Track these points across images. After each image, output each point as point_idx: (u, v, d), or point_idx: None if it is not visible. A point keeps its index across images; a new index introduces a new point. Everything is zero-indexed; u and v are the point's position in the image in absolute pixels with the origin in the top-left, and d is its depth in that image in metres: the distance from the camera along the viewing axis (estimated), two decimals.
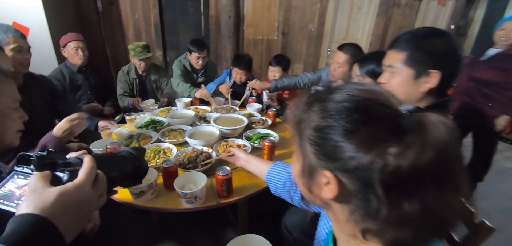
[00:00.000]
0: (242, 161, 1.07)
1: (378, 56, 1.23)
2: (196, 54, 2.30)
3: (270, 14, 3.58)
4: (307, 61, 4.19)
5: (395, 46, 0.89)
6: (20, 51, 1.41)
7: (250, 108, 1.94)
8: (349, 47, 1.77)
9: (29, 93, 1.52)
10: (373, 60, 1.26)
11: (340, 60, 1.77)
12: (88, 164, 0.47)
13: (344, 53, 1.76)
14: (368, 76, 1.27)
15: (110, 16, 2.96)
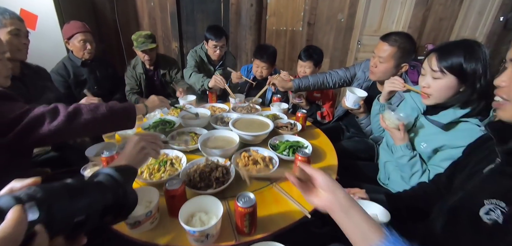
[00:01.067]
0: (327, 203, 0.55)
1: (467, 47, 0.92)
2: (214, 42, 2.04)
3: (295, 3, 3.25)
4: (333, 55, 3.82)
5: None
6: (18, 35, 1.28)
7: (275, 109, 1.66)
8: (397, 38, 1.35)
9: (27, 83, 1.38)
10: (461, 50, 0.92)
11: (383, 54, 1.36)
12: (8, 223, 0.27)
13: (390, 44, 1.35)
14: (450, 73, 0.93)
15: (125, 4, 2.78)
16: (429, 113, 1.08)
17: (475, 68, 0.89)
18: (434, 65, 0.95)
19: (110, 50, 2.91)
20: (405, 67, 1.39)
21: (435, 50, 0.98)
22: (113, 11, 2.74)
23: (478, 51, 0.91)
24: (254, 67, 2.05)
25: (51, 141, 0.96)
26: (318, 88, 1.76)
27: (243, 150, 1.13)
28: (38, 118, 0.85)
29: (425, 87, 1.00)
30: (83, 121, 0.91)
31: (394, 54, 1.36)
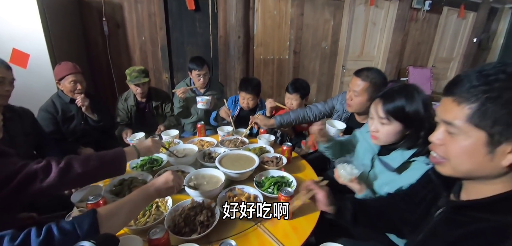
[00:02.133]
0: None
1: (408, 93, 0.98)
2: (196, 72, 2.18)
3: (281, 33, 3.41)
4: (320, 80, 3.97)
5: (453, 92, 0.56)
6: (2, 82, 1.32)
7: (262, 141, 1.71)
8: (368, 73, 1.47)
9: (7, 126, 1.38)
10: (401, 96, 0.99)
11: (357, 88, 1.47)
12: None
13: (362, 80, 1.46)
14: (394, 119, 0.99)
15: (117, 39, 2.86)
16: (382, 153, 1.15)
17: (417, 112, 0.96)
18: (380, 112, 1.02)
19: (101, 84, 2.96)
20: None
21: (380, 97, 1.05)
22: (105, 46, 2.82)
23: (417, 96, 0.97)
24: (241, 99, 2.12)
25: (43, 196, 0.97)
26: (300, 123, 1.83)
27: (229, 189, 1.16)
28: (30, 176, 0.87)
29: (374, 132, 1.07)
30: (75, 175, 0.94)
31: (367, 89, 1.47)
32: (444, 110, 0.58)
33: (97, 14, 2.71)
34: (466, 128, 0.53)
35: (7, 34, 1.99)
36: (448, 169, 0.60)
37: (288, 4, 3.30)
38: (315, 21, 3.54)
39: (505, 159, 0.51)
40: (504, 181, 0.54)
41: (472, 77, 0.53)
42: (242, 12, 2.94)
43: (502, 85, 0.49)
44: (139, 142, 1.27)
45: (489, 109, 0.50)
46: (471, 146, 0.54)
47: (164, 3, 2.86)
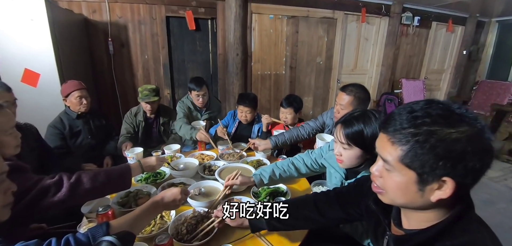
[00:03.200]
0: None
1: (366, 119, 1.05)
2: (196, 92, 2.28)
3: (277, 50, 3.57)
4: (316, 93, 4.11)
5: (388, 130, 0.60)
6: None
7: (259, 154, 1.82)
8: (353, 88, 1.64)
9: None
10: (359, 124, 1.04)
11: (343, 101, 1.64)
12: None
13: (347, 94, 1.64)
14: (354, 144, 1.05)
15: (121, 58, 3.01)
16: (349, 177, 1.21)
17: (374, 136, 0.96)
18: (341, 138, 1.07)
19: (105, 100, 3.08)
20: None
21: (341, 122, 1.10)
22: (110, 64, 2.96)
23: (374, 121, 1.02)
24: (239, 113, 2.23)
25: (54, 210, 1.04)
26: (294, 142, 1.94)
27: (227, 199, 1.26)
28: (44, 191, 0.96)
29: (338, 156, 1.12)
30: (84, 190, 1.03)
31: (352, 102, 1.61)
32: (381, 147, 0.62)
33: (103, 35, 2.87)
34: (399, 166, 0.58)
35: (20, 55, 2.13)
36: (386, 199, 0.66)
37: (283, 23, 3.48)
38: (310, 38, 3.71)
39: (433, 195, 0.56)
40: (436, 211, 0.60)
41: (403, 118, 0.57)
42: (240, 31, 3.10)
43: (428, 129, 0.53)
44: (144, 160, 1.33)
45: (417, 153, 0.54)
46: (404, 183, 0.59)
47: (167, 23, 3.03)
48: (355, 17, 3.92)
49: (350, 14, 3.85)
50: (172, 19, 3.09)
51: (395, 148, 0.58)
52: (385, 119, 0.62)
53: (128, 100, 3.11)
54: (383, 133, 0.61)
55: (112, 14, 2.84)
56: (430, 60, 4.88)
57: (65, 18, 2.44)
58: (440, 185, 0.55)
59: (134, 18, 2.93)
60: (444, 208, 0.60)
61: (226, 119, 2.33)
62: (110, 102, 3.10)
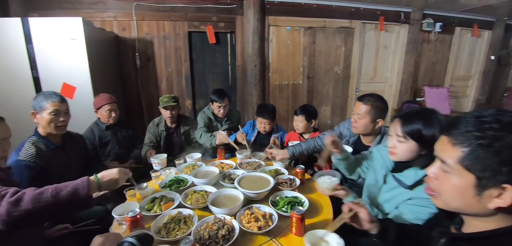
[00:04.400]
0: None
1: (426, 115, 1.09)
2: (217, 104, 2.38)
3: (295, 60, 3.63)
4: (334, 102, 4.09)
5: (450, 132, 0.60)
6: (56, 114, 1.53)
7: (277, 164, 1.86)
8: (370, 98, 1.65)
9: (66, 150, 1.66)
10: (419, 119, 1.09)
11: (360, 111, 1.65)
12: None
13: (364, 104, 1.64)
14: (411, 138, 1.10)
15: (147, 71, 3.21)
16: (396, 170, 1.24)
17: (433, 135, 1.05)
18: (398, 131, 1.13)
19: (132, 111, 3.28)
20: (381, 122, 1.63)
21: (399, 117, 1.17)
22: (137, 77, 3.17)
23: (434, 120, 1.08)
24: (258, 124, 2.30)
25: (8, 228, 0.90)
26: (311, 152, 1.96)
27: (247, 207, 1.31)
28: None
29: (392, 148, 1.18)
30: (24, 211, 0.89)
31: (369, 112, 1.62)
32: (440, 149, 0.62)
33: (131, 50, 3.09)
34: (457, 168, 0.57)
35: (59, 71, 2.35)
36: (440, 203, 0.65)
37: (300, 34, 3.54)
38: (327, 48, 3.74)
39: (491, 202, 0.54)
40: (495, 220, 0.57)
41: (469, 122, 0.57)
42: (258, 43, 3.20)
43: (495, 134, 0.52)
44: (103, 174, 1.15)
45: (479, 155, 0.53)
46: (461, 186, 0.58)
47: (189, 38, 3.20)
48: (373, 25, 3.89)
49: (368, 23, 3.84)
50: (194, 34, 3.26)
51: (456, 149, 0.57)
52: (448, 123, 0.62)
53: (153, 111, 3.29)
54: (445, 135, 0.62)
55: (139, 31, 3.06)
56: (455, 67, 4.69)
57: (99, 36, 2.67)
58: (500, 192, 0.53)
59: (160, 34, 3.13)
60: (505, 217, 0.57)
61: (246, 129, 2.42)
62: (136, 113, 3.30)
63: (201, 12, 3.17)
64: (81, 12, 2.82)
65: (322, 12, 3.51)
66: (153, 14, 3.06)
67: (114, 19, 2.99)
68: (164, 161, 1.91)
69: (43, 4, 2.79)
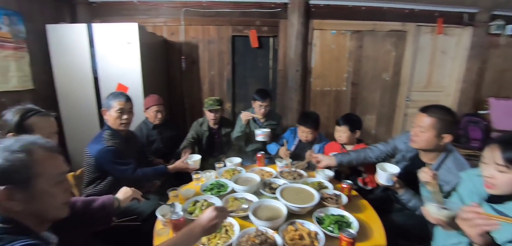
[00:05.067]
0: None
1: None
2: (259, 103, 2.39)
3: (339, 65, 3.45)
4: (381, 112, 3.79)
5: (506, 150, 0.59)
6: (121, 112, 1.71)
7: (320, 176, 1.76)
8: (435, 110, 1.42)
9: (129, 144, 1.84)
10: None
11: (423, 124, 1.42)
12: None
13: (428, 116, 1.42)
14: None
15: (191, 73, 3.35)
16: (493, 201, 1.03)
17: None
18: (498, 159, 0.93)
19: (175, 112, 3.44)
20: (448, 137, 1.40)
21: (498, 142, 0.96)
22: (181, 80, 3.32)
23: None
24: (299, 132, 2.21)
25: None
26: (361, 164, 1.81)
27: (290, 222, 1.24)
28: None
29: (489, 178, 0.98)
30: None
31: (435, 125, 1.40)
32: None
33: (178, 53, 3.25)
34: None
35: (115, 72, 2.55)
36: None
37: (346, 38, 3.35)
38: (375, 53, 3.48)
39: None
40: None
41: None
42: (300, 47, 3.12)
43: None
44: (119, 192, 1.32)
45: None
46: None
47: (232, 42, 3.25)
48: (430, 28, 3.52)
49: (423, 25, 3.48)
50: (237, 38, 3.30)
51: None
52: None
53: (194, 112, 3.42)
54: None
55: (186, 35, 3.20)
56: None
57: (150, 40, 2.84)
58: None
59: (205, 38, 3.24)
60: None
61: (286, 136, 2.34)
62: (179, 114, 3.45)
63: (245, 17, 3.19)
64: (136, 18, 3.04)
65: (371, 14, 3.28)
66: (200, 19, 3.17)
67: (164, 24, 3.17)
68: (198, 162, 1.89)
69: (105, 12, 3.08)
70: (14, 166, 0.71)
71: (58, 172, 0.81)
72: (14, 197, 0.72)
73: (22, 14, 2.41)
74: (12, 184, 0.71)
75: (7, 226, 0.70)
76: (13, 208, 0.73)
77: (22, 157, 0.73)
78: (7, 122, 1.18)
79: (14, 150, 0.73)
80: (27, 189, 0.74)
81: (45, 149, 0.79)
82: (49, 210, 0.80)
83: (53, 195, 0.79)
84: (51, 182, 0.78)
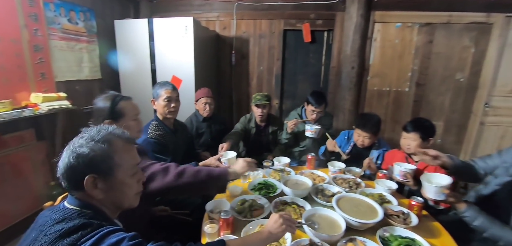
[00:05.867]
0: None
1: None
2: (312, 108, 2.25)
3: (403, 63, 3.06)
4: (450, 118, 3.27)
5: None
6: (169, 100, 1.75)
7: (381, 187, 1.55)
8: None
9: (177, 135, 1.88)
10: None
11: None
12: None
13: None
14: None
15: (240, 68, 3.34)
16: None
17: None
18: None
19: (223, 105, 3.49)
20: None
21: None
22: (231, 74, 3.34)
23: None
24: (356, 136, 2.00)
25: (158, 196, 1.19)
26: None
27: (349, 238, 1.10)
28: (152, 175, 1.12)
29: None
30: (186, 183, 1.13)
31: None
32: None
33: (228, 48, 3.27)
34: None
35: (170, 65, 2.67)
36: None
37: (413, 32, 2.95)
38: (449, 49, 2.99)
39: None
40: None
41: None
42: (358, 42, 2.84)
43: None
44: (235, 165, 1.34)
45: None
46: None
47: (283, 37, 3.13)
48: None
49: None
50: (289, 33, 3.18)
51: None
52: None
53: (241, 107, 3.42)
54: None
55: (237, 30, 3.20)
56: None
57: (203, 35, 2.91)
58: None
59: (256, 32, 3.20)
60: None
61: (339, 140, 2.14)
62: (226, 108, 3.49)
63: (299, 9, 3.05)
64: (191, 13, 3.13)
65: (448, 4, 2.82)
66: (252, 13, 3.13)
67: (217, 19, 3.22)
68: (232, 160, 1.72)
69: (164, 7, 3.25)
70: (98, 156, 0.74)
71: (134, 163, 0.83)
72: (98, 185, 0.75)
73: (95, 11, 2.67)
74: (97, 173, 0.74)
75: (88, 212, 0.73)
76: (97, 196, 0.75)
77: (105, 147, 0.75)
78: (101, 109, 1.26)
79: (97, 140, 0.75)
80: (109, 178, 0.76)
81: (123, 139, 0.81)
82: (124, 199, 0.82)
83: (130, 185, 0.81)
84: (128, 172, 0.80)
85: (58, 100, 2.15)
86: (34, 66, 2.09)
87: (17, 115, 1.83)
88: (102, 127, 0.81)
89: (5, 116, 1.76)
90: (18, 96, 1.98)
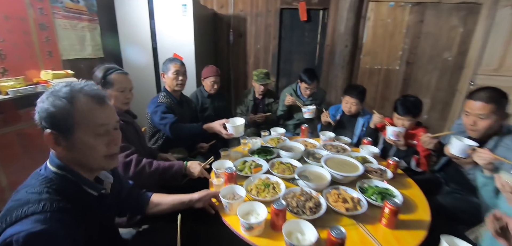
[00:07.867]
0: None
1: None
2: (305, 85, 2.44)
3: (394, 42, 3.21)
4: (436, 95, 3.47)
5: None
6: (177, 74, 1.94)
7: (365, 151, 1.75)
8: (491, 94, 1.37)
9: (183, 107, 2.07)
10: None
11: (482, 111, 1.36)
12: None
13: (486, 102, 1.35)
14: None
15: (237, 47, 3.45)
16: None
17: None
18: None
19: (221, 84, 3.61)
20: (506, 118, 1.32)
21: None
22: (228, 52, 3.45)
23: None
24: (344, 103, 2.19)
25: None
26: None
27: (333, 187, 1.30)
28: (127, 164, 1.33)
29: None
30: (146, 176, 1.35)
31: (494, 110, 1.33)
32: None
33: (226, 26, 3.36)
34: None
35: (171, 43, 2.77)
36: None
37: (405, 11, 3.08)
38: (438, 29, 3.14)
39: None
40: None
41: None
42: (352, 21, 2.96)
43: None
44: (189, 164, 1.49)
45: None
46: None
47: (280, 15, 3.23)
48: None
49: None
50: (285, 11, 3.27)
51: None
52: None
53: (239, 85, 3.55)
54: None
55: (235, 8, 3.28)
56: None
57: (202, 13, 2.99)
58: None
59: (253, 10, 3.28)
60: None
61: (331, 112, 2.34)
62: (225, 86, 3.62)
63: None
64: None
65: None
66: None
67: None
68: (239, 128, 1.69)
69: None
70: (57, 113, 0.72)
71: (98, 123, 0.78)
72: (59, 142, 0.75)
73: None
74: (57, 130, 0.73)
75: (61, 173, 0.76)
76: (60, 154, 0.76)
77: (65, 103, 0.72)
78: (95, 77, 1.42)
79: (59, 96, 0.73)
80: (69, 136, 0.74)
81: (89, 97, 0.77)
82: (89, 160, 0.79)
83: (93, 146, 0.77)
84: (91, 132, 0.77)
85: (66, 77, 2.26)
86: (41, 44, 2.18)
87: (31, 90, 1.94)
88: (72, 82, 0.78)
89: (21, 91, 1.87)
90: (28, 73, 2.08)
